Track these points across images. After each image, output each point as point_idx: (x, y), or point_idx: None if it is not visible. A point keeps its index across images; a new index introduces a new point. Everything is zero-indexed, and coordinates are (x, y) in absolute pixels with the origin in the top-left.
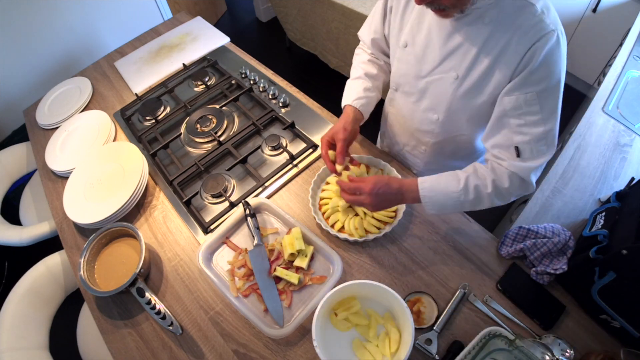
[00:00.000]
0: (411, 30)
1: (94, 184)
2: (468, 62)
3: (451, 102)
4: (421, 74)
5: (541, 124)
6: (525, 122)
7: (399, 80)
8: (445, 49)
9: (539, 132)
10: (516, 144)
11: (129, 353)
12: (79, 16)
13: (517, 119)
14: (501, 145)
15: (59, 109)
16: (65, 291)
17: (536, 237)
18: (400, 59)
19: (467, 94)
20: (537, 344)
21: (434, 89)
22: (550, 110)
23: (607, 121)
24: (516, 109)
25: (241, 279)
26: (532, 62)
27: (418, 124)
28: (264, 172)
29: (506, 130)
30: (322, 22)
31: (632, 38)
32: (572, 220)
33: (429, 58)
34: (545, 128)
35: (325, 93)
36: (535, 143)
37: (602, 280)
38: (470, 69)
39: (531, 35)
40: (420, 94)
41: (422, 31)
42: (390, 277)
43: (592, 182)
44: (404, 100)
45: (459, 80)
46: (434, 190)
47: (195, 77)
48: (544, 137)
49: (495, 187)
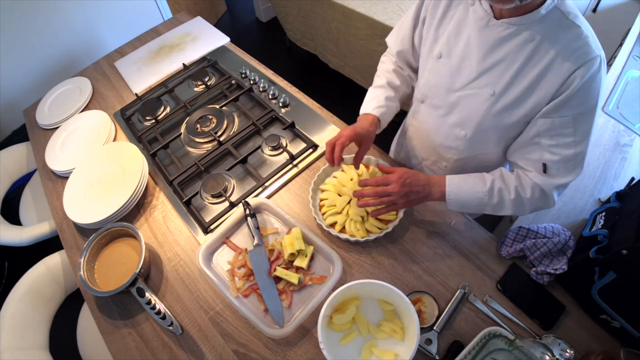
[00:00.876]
0: (447, 41)
1: (94, 184)
2: (507, 80)
3: (483, 120)
4: (454, 87)
5: (572, 147)
6: (557, 143)
7: (428, 92)
8: (485, 63)
9: (570, 154)
10: (545, 162)
11: (129, 353)
12: (79, 16)
13: (550, 139)
14: (529, 159)
15: (59, 109)
16: (65, 291)
17: (536, 237)
18: (432, 70)
19: (502, 113)
20: (537, 344)
21: (466, 104)
22: (583, 134)
23: (607, 121)
24: (550, 131)
25: (241, 279)
26: (573, 87)
27: (442, 139)
28: (264, 172)
29: (536, 147)
30: (322, 22)
31: (632, 38)
32: (572, 220)
33: (464, 72)
34: (576, 150)
35: (325, 93)
36: (564, 163)
37: (602, 280)
38: (509, 87)
39: (575, 58)
40: (449, 108)
41: (459, 43)
42: (390, 277)
43: (592, 182)
44: (430, 113)
45: (495, 97)
46: (460, 188)
47: (195, 77)
48: (574, 159)
49: (517, 194)
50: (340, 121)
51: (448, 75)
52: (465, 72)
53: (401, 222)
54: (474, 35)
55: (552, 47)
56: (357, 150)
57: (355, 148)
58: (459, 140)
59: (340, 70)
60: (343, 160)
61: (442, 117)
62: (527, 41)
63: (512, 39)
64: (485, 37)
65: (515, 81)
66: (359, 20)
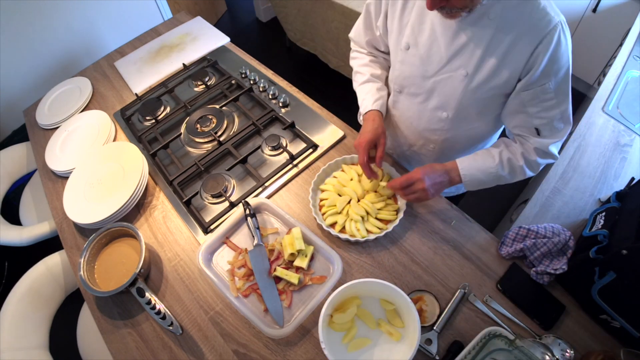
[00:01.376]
0: (412, 31)
1: (94, 184)
2: (476, 60)
3: (461, 99)
4: (427, 74)
5: (556, 107)
6: (542, 108)
7: (403, 82)
8: (452, 48)
9: (555, 114)
10: (536, 126)
11: (129, 353)
12: (79, 16)
13: (535, 107)
14: (521, 126)
15: (59, 109)
16: (65, 291)
17: (536, 237)
18: (403, 61)
19: (477, 90)
20: (537, 344)
21: (443, 87)
22: (563, 94)
23: (607, 121)
24: (533, 99)
25: (241, 279)
26: (543, 57)
27: (426, 123)
28: (264, 172)
29: (525, 115)
30: (322, 22)
31: (632, 38)
32: (572, 220)
33: (434, 58)
34: (560, 109)
35: (325, 93)
36: (552, 123)
37: (602, 280)
38: (479, 66)
39: (538, 30)
40: (427, 94)
41: (424, 32)
42: (390, 277)
43: (592, 182)
44: (409, 102)
45: (469, 77)
46: (472, 168)
47: (195, 77)
48: (560, 117)
49: (525, 159)
50: (340, 121)
51: (419, 64)
52: (436, 59)
53: (401, 222)
54: (437, 22)
55: (514, 22)
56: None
57: (354, 149)
58: (442, 122)
59: (340, 70)
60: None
61: (422, 103)
62: (489, 20)
63: (474, 23)
64: (448, 23)
65: (485, 59)
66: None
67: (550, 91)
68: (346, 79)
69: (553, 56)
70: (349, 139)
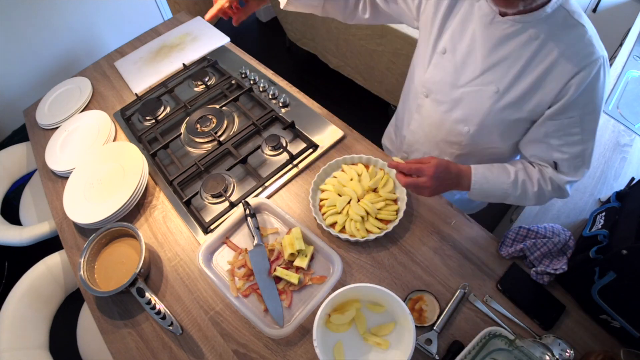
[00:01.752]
0: (452, 37)
1: (94, 184)
2: (511, 77)
3: (486, 116)
4: (458, 83)
5: (580, 144)
6: (565, 143)
7: (432, 87)
8: (489, 60)
9: (577, 151)
10: (554, 160)
11: (129, 353)
12: (79, 16)
13: (558, 140)
14: (540, 157)
15: (59, 109)
16: (65, 291)
17: (536, 237)
18: (436, 65)
19: (505, 110)
20: (537, 344)
21: (470, 100)
22: (590, 132)
23: (607, 121)
24: (558, 131)
25: (241, 279)
26: (574, 89)
27: (445, 134)
28: (264, 172)
29: (545, 146)
30: (322, 22)
31: (632, 38)
32: (572, 220)
33: (469, 68)
34: (583, 147)
35: (325, 93)
36: (572, 160)
37: (602, 280)
38: (513, 84)
39: (578, 60)
40: (453, 103)
41: (464, 39)
42: (390, 277)
43: (592, 182)
44: (433, 108)
45: (499, 94)
46: (485, 179)
47: (195, 77)
48: (581, 156)
49: (540, 186)
50: (340, 121)
51: (452, 71)
52: (470, 69)
53: (401, 222)
54: (479, 31)
55: (556, 45)
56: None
57: (354, 149)
58: (462, 136)
59: (340, 70)
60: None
61: (446, 113)
62: (532, 39)
63: (517, 37)
64: (490, 34)
65: (519, 79)
66: None
67: (576, 125)
68: (346, 79)
69: (591, 86)
70: (349, 139)
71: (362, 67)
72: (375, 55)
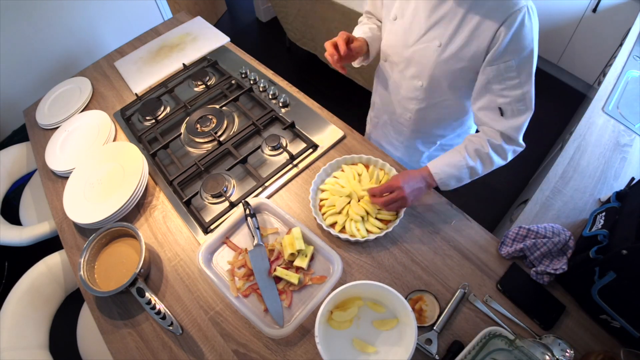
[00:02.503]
0: (401, 4)
1: (94, 184)
2: (450, 32)
3: (434, 69)
4: (408, 43)
5: (519, 87)
6: (505, 86)
7: (388, 51)
8: (430, 20)
9: (518, 94)
10: (499, 105)
11: (129, 353)
12: (79, 16)
13: (499, 84)
14: (487, 107)
15: (59, 109)
16: (65, 291)
17: (536, 237)
18: (390, 31)
19: (449, 60)
20: (537, 344)
21: (419, 57)
22: (527, 75)
23: (607, 121)
24: (497, 76)
25: (241, 279)
26: (506, 35)
27: (404, 91)
28: (264, 172)
29: (490, 94)
30: (322, 22)
31: (632, 38)
32: (572, 220)
33: (415, 29)
34: (522, 90)
35: (325, 93)
36: (515, 103)
37: (602, 280)
38: (451, 38)
39: (504, 10)
40: (406, 62)
41: (410, 4)
42: (390, 277)
43: (592, 182)
44: (391, 70)
45: (442, 48)
46: (443, 165)
47: (195, 77)
48: (523, 98)
49: (491, 144)
50: (340, 121)
51: (402, 33)
52: (416, 29)
53: (401, 222)
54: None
55: (485, 3)
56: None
57: (354, 149)
58: (418, 90)
59: None
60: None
61: (401, 72)
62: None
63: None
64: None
65: (457, 32)
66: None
67: (513, 69)
68: (346, 79)
69: (516, 35)
70: (349, 139)
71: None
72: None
